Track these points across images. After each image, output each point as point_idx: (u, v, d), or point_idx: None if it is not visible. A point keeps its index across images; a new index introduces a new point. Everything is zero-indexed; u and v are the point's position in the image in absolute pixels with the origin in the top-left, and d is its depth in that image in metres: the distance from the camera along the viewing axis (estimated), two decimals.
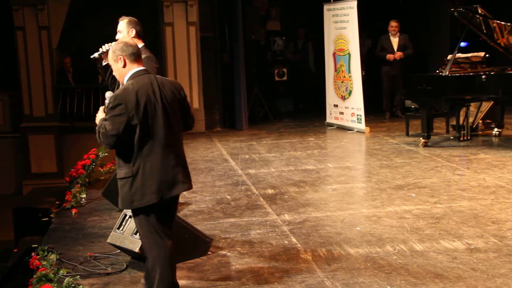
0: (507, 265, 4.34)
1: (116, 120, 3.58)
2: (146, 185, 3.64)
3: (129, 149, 3.64)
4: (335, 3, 10.77)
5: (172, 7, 11.31)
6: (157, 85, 3.71)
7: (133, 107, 3.58)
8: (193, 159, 8.89)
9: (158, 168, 3.66)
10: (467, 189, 6.48)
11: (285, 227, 5.45)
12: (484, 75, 8.21)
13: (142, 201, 3.65)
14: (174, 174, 3.72)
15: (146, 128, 3.62)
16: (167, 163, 3.69)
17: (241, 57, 11.36)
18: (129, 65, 3.75)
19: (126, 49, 3.74)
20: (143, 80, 3.70)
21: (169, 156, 3.70)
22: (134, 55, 3.74)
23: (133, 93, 3.61)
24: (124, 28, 5.18)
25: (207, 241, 4.92)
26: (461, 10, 8.61)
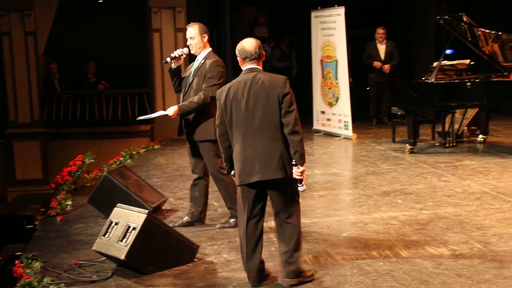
0: (492, 271, 4.37)
1: (217, 113, 4.24)
2: (235, 169, 4.22)
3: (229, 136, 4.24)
4: (322, 10, 10.83)
5: (160, 13, 11.32)
6: (249, 82, 4.11)
7: (223, 102, 4.15)
8: (180, 165, 8.88)
9: (240, 157, 4.15)
10: (453, 195, 6.52)
11: (272, 234, 5.44)
12: (469, 82, 8.27)
13: (237, 181, 4.25)
14: (252, 162, 4.10)
15: (232, 119, 4.14)
16: (247, 152, 4.11)
17: (229, 64, 11.37)
18: (243, 65, 4.24)
19: (242, 53, 4.20)
20: (244, 76, 4.17)
21: (249, 147, 4.11)
22: (247, 58, 4.18)
23: (226, 89, 4.18)
24: (196, 34, 5.49)
25: (193, 248, 4.91)
26: (447, 18, 8.68)
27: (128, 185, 6.12)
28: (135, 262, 4.57)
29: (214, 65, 5.38)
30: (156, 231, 4.67)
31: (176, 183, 7.68)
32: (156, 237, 4.66)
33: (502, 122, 11.22)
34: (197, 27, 5.52)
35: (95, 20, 13.27)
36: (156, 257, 4.66)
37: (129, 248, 4.51)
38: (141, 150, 10.22)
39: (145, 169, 8.65)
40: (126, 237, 4.59)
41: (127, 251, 4.50)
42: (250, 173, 4.11)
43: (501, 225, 5.43)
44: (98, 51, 13.00)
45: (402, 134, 9.78)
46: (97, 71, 12.64)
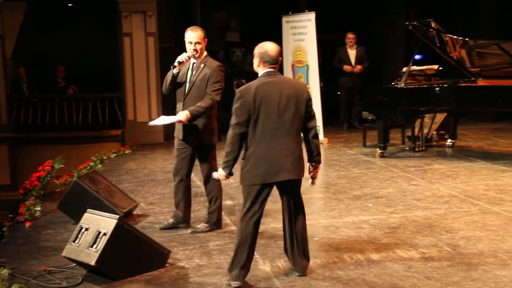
0: (460, 273, 4.43)
1: (239, 111, 4.20)
2: (256, 167, 4.23)
3: (248, 135, 4.24)
4: (293, 15, 10.89)
5: (131, 17, 11.24)
6: (279, 84, 4.27)
7: (250, 101, 4.17)
8: (151, 170, 8.83)
9: (267, 156, 4.22)
10: (422, 199, 6.60)
11: None
12: (438, 88, 8.40)
13: (250, 181, 4.27)
14: (282, 162, 4.24)
15: (259, 119, 4.19)
16: (277, 152, 4.22)
17: None
18: (261, 67, 4.33)
19: (264, 56, 4.31)
20: (269, 79, 4.27)
21: (280, 145, 4.23)
22: (267, 62, 4.30)
23: (253, 89, 4.21)
24: (202, 39, 5.53)
25: (164, 253, 4.88)
26: (416, 24, 8.80)
27: (98, 190, 6.06)
28: (105, 268, 4.53)
29: (217, 69, 5.48)
30: (127, 236, 4.63)
31: (147, 188, 7.64)
32: (127, 242, 4.62)
33: (470, 127, 11.42)
34: (202, 32, 5.58)
35: (65, 23, 13.13)
36: (127, 263, 4.62)
37: (100, 254, 4.47)
38: (111, 155, 10.14)
39: (116, 174, 8.59)
40: (96, 243, 4.55)
41: (98, 257, 4.46)
42: (278, 172, 4.25)
43: (469, 228, 5.52)
44: (68, 55, 12.86)
45: (373, 139, 9.88)
46: (67, 75, 12.50)
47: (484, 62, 8.79)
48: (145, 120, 11.34)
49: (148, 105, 11.44)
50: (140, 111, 11.45)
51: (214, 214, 5.70)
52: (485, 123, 11.91)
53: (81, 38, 13.12)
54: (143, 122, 11.37)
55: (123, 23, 11.25)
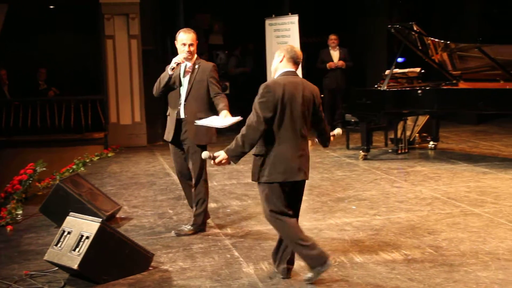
0: (442, 275, 4.46)
1: (265, 106, 4.12)
2: (275, 165, 4.20)
3: (267, 132, 4.17)
4: (276, 18, 10.91)
5: (113, 19, 11.19)
6: (301, 85, 4.27)
7: (278, 98, 4.13)
8: (134, 173, 8.80)
9: (286, 155, 4.22)
10: (405, 201, 6.64)
11: (228, 241, 5.45)
12: (420, 90, 8.46)
13: (269, 178, 4.22)
14: (299, 162, 4.29)
15: (284, 118, 4.17)
16: (296, 152, 4.26)
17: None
18: (284, 63, 4.32)
19: (290, 51, 4.32)
20: (292, 79, 4.27)
21: (299, 146, 4.28)
22: (292, 59, 4.32)
23: (281, 86, 4.17)
24: (195, 40, 5.61)
25: (148, 256, 4.86)
26: (398, 27, 8.86)
27: (81, 194, 6.02)
28: (88, 271, 4.50)
29: (214, 69, 5.59)
30: (110, 239, 4.61)
31: (130, 191, 7.60)
32: (110, 246, 4.60)
33: (452, 129, 11.52)
34: (195, 34, 5.65)
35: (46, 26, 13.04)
36: (110, 266, 4.60)
37: (82, 257, 4.44)
38: (94, 158, 10.08)
39: (99, 177, 8.54)
40: (79, 246, 4.52)
41: (80, 260, 4.43)
42: (297, 172, 4.28)
43: (451, 229, 5.56)
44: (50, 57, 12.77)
45: (356, 141, 9.92)
46: (50, 78, 12.41)
47: (465, 65, 8.88)
48: (128, 123, 11.33)
49: (131, 107, 11.39)
50: (123, 113, 11.40)
51: (200, 216, 5.67)
52: (467, 125, 12.02)
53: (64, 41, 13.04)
54: (126, 124, 11.35)
55: (105, 25, 11.19)
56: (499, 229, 5.52)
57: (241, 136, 4.16)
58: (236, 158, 4.23)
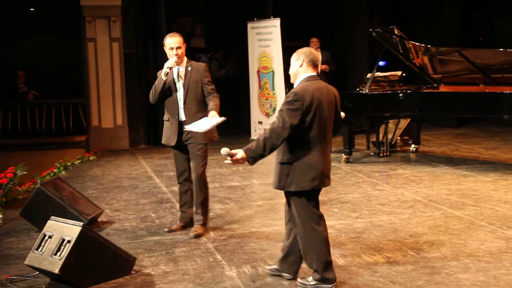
0: (424, 277, 4.49)
1: (293, 113, 4.03)
2: (304, 173, 4.14)
3: (295, 140, 4.10)
4: (258, 21, 10.93)
5: (95, 22, 11.14)
6: (325, 90, 4.24)
7: (307, 105, 4.07)
8: (116, 176, 8.75)
9: (317, 161, 4.16)
10: (387, 203, 6.68)
11: (210, 244, 5.44)
12: (401, 94, 8.52)
13: (299, 186, 4.16)
14: (327, 168, 4.25)
15: (312, 125, 4.11)
16: (324, 158, 4.21)
17: None
18: (305, 67, 4.27)
19: (309, 55, 4.31)
20: (317, 84, 4.22)
21: (325, 151, 4.23)
22: (312, 62, 4.29)
23: (310, 93, 4.11)
24: (182, 43, 5.63)
25: (130, 260, 4.84)
26: (379, 31, 8.92)
27: (62, 197, 5.98)
28: (69, 276, 4.46)
29: (206, 70, 5.69)
30: (92, 243, 4.58)
31: (112, 195, 7.56)
32: (91, 249, 4.57)
33: (433, 132, 11.62)
34: (181, 37, 5.67)
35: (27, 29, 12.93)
36: (92, 270, 4.57)
37: (64, 261, 4.40)
38: (76, 161, 10.02)
39: (81, 181, 8.48)
40: (60, 251, 4.48)
41: (61, 264, 4.39)
42: (325, 178, 4.25)
43: (432, 232, 5.60)
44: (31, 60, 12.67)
45: (338, 144, 9.96)
46: (31, 81, 12.31)
47: (446, 69, 8.96)
48: (110, 126, 11.27)
49: (113, 110, 11.33)
50: (105, 117, 11.34)
51: (206, 212, 5.82)
52: (448, 128, 12.13)
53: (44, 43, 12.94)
54: (108, 128, 11.29)
55: (87, 28, 11.13)
56: (480, 231, 5.58)
57: (263, 139, 4.07)
58: (254, 160, 4.14)
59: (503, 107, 7.69)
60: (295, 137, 4.08)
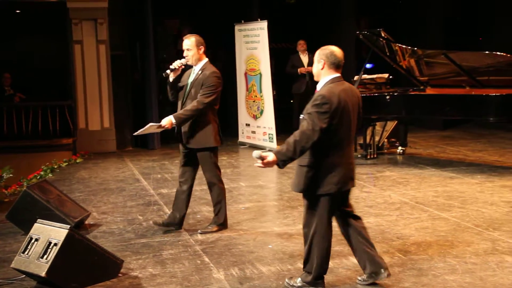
0: (411, 279, 4.51)
1: (322, 116, 4.01)
2: (329, 176, 4.10)
3: (319, 142, 4.04)
4: (246, 23, 10.94)
5: (81, 24, 11.09)
6: (350, 91, 4.21)
7: (335, 108, 4.04)
8: (103, 179, 8.71)
9: (342, 164, 4.14)
10: (374, 205, 6.71)
11: (198, 247, 5.44)
12: (388, 96, 8.56)
13: (323, 189, 4.12)
14: (351, 170, 4.22)
15: (338, 127, 4.08)
16: (348, 160, 4.19)
17: (153, 76, 11.29)
18: (326, 70, 4.21)
19: (330, 57, 4.21)
20: (342, 86, 4.18)
21: (349, 153, 4.21)
22: (334, 64, 4.21)
23: (336, 95, 4.08)
24: (192, 46, 5.70)
25: (117, 263, 4.82)
26: (366, 33, 8.96)
27: (49, 200, 5.94)
28: (56, 279, 4.43)
29: (211, 76, 5.63)
30: (79, 246, 4.56)
31: (99, 197, 7.53)
32: (78, 252, 4.54)
33: (420, 134, 11.68)
34: (194, 39, 5.73)
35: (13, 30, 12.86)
36: (79, 273, 4.54)
37: (50, 264, 4.38)
38: (63, 164, 9.96)
39: (67, 184, 8.44)
40: (47, 254, 4.45)
41: (48, 267, 4.37)
42: (349, 180, 4.23)
43: (419, 234, 5.63)
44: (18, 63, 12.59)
45: None
46: (18, 83, 12.23)
47: (432, 71, 9.02)
48: (97, 129, 11.23)
49: (100, 113, 11.29)
50: (92, 119, 11.29)
51: (221, 215, 5.88)
52: (434, 130, 12.20)
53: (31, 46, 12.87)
54: (95, 130, 11.24)
55: (73, 30, 11.09)
56: (466, 233, 5.61)
57: (293, 142, 4.02)
58: (284, 163, 4.10)
59: (489, 109, 7.76)
60: (321, 139, 4.04)
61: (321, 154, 4.10)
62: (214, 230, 5.84)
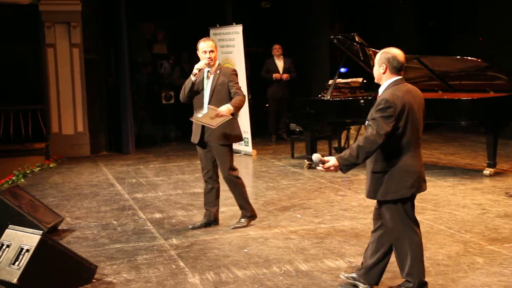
0: (385, 281, 4.53)
1: (387, 120, 3.97)
2: (403, 180, 4.06)
3: (388, 147, 4.03)
4: (220, 27, 10.94)
5: (54, 28, 10.98)
6: (414, 92, 4.19)
7: (400, 111, 4.01)
8: (77, 184, 8.63)
9: (414, 166, 4.10)
10: (349, 209, 6.75)
11: (173, 251, 5.41)
12: (362, 100, 8.62)
13: (398, 194, 4.07)
14: (422, 172, 4.18)
15: (405, 130, 4.05)
16: (419, 162, 4.15)
17: (127, 80, 11.22)
18: (388, 74, 4.16)
19: (392, 61, 4.14)
20: (405, 87, 4.16)
21: (419, 156, 4.17)
22: (396, 68, 4.15)
23: (400, 98, 4.04)
24: (215, 47, 5.98)
25: (91, 269, 4.77)
26: (340, 38, 9.02)
27: (21, 205, 5.87)
28: (28, 286, 4.37)
29: (233, 74, 5.94)
30: (52, 252, 4.50)
31: (73, 202, 7.45)
32: (51, 258, 4.49)
33: None
34: (213, 41, 6.05)
35: None
36: (52, 280, 4.49)
37: (22, 271, 4.32)
38: (35, 169, 9.85)
39: (40, 189, 8.34)
40: (19, 260, 4.39)
41: (20, 274, 4.31)
42: (423, 182, 4.18)
43: None
44: None
45: (301, 150, 10.03)
46: None
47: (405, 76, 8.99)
48: (71, 133, 11.11)
49: (74, 117, 11.17)
50: (65, 123, 11.17)
51: (248, 208, 6.14)
52: None
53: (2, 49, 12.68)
54: (69, 134, 11.13)
55: (46, 33, 10.97)
56: (439, 235, 5.67)
57: (357, 147, 4.00)
58: (347, 168, 4.10)
59: (461, 113, 7.86)
60: (389, 144, 4.01)
61: (391, 158, 4.08)
62: (246, 224, 6.11)
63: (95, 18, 11.39)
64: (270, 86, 11.64)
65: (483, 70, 8.40)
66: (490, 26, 11.69)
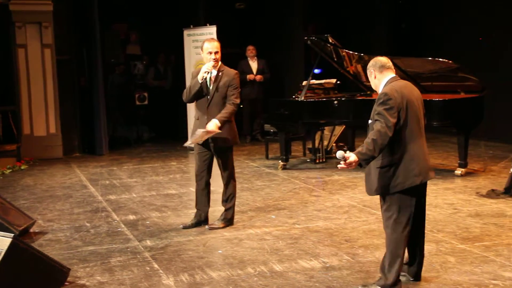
0: (359, 281, 4.58)
1: (390, 112, 4.09)
2: (409, 169, 4.16)
3: (392, 140, 4.10)
4: (194, 28, 10.92)
5: (25, 28, 10.83)
6: (410, 86, 4.29)
7: (399, 102, 4.12)
8: (49, 186, 8.53)
9: (419, 155, 4.20)
10: (323, 209, 6.78)
11: (147, 253, 5.38)
12: (336, 101, 8.67)
13: (406, 183, 4.16)
14: (428, 161, 4.28)
15: (407, 121, 4.15)
16: (424, 151, 4.26)
17: (100, 81, 11.13)
18: (379, 76, 4.30)
19: (375, 63, 4.31)
20: (400, 83, 4.26)
21: (423, 145, 4.27)
22: (382, 66, 4.29)
23: (397, 91, 4.15)
24: (219, 48, 5.93)
25: (64, 271, 4.72)
26: (314, 39, 9.06)
27: None
28: None
29: (236, 77, 5.93)
30: (23, 255, 4.44)
31: (45, 205, 7.36)
32: (23, 261, 4.43)
33: None
34: (218, 42, 6.00)
35: None
36: (24, 283, 4.42)
37: None
38: (6, 171, 9.71)
39: (11, 191, 8.22)
40: None
41: None
42: (429, 170, 4.29)
43: (367, 236, 5.72)
44: None
45: (275, 151, 10.05)
46: None
47: None
48: (43, 134, 10.98)
49: (46, 118, 11.04)
50: (37, 125, 11.03)
51: (230, 211, 6.16)
52: None
53: None
54: (41, 136, 10.99)
55: (17, 34, 10.81)
56: None
57: (371, 141, 4.07)
58: (366, 162, 4.19)
59: (433, 114, 7.95)
60: (393, 137, 4.10)
61: (397, 150, 4.17)
62: (221, 227, 6.09)
63: (67, 18, 11.27)
64: (244, 87, 11.63)
65: (454, 71, 8.52)
66: (458, 27, 11.85)
